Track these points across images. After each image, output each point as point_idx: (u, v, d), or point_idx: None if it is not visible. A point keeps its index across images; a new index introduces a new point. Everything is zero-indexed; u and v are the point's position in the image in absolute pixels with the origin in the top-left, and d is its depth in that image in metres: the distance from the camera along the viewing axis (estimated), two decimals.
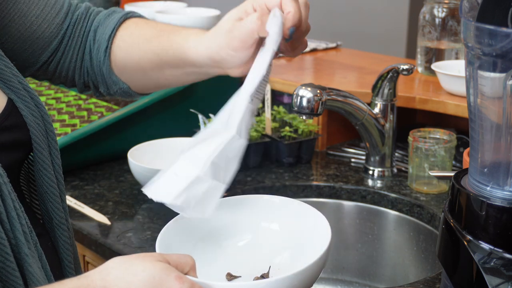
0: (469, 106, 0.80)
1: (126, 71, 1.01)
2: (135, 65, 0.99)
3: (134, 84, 1.02)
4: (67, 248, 0.92)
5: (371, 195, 1.45)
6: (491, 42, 0.73)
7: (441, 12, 1.70)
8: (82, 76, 1.04)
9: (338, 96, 1.38)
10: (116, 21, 1.01)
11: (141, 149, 1.47)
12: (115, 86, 1.02)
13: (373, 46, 2.95)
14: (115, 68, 1.01)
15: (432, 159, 1.40)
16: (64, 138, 1.49)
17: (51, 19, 0.99)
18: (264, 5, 0.85)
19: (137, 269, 0.72)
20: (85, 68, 1.03)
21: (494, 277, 0.75)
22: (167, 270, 0.72)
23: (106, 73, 1.01)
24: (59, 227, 0.91)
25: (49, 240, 0.91)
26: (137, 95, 1.05)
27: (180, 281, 0.72)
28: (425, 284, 1.10)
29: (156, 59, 0.96)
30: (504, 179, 0.78)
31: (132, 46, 0.99)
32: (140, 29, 1.00)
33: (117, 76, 1.01)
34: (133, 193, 1.44)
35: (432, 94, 1.58)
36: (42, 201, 0.90)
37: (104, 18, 1.02)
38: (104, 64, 1.00)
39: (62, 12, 1.01)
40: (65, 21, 1.01)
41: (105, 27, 1.01)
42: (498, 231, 0.77)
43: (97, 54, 1.01)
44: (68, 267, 0.92)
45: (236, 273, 0.90)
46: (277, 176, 1.52)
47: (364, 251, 1.47)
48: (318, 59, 2.01)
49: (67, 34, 1.01)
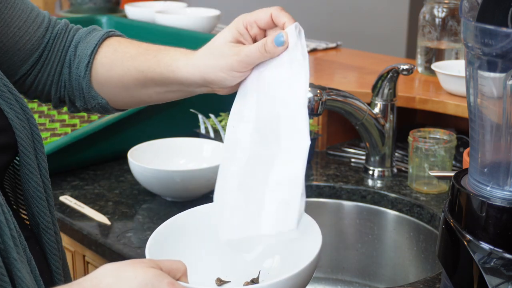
0: (469, 106, 0.80)
1: (107, 86, 1.02)
2: (117, 81, 1.00)
3: (113, 100, 1.03)
4: (54, 254, 0.90)
5: (371, 195, 1.45)
6: (491, 42, 0.73)
7: (441, 12, 1.70)
8: (58, 90, 1.04)
9: (338, 96, 1.38)
10: (99, 37, 1.02)
11: (141, 149, 1.47)
12: (93, 101, 1.02)
13: (373, 46, 2.95)
14: (95, 83, 1.02)
15: (432, 159, 1.40)
16: (64, 138, 1.49)
17: (32, 31, 1.00)
18: (254, 23, 0.88)
19: (129, 276, 0.71)
20: (63, 82, 1.04)
21: (494, 277, 0.75)
22: (159, 276, 0.72)
23: (85, 88, 1.02)
24: (46, 232, 0.89)
25: (37, 244, 0.90)
26: (114, 111, 1.06)
27: (173, 287, 0.71)
28: (425, 284, 1.10)
29: (140, 76, 0.97)
30: (504, 179, 0.78)
31: (115, 63, 1.00)
32: (124, 47, 1.01)
33: (96, 91, 1.02)
34: (133, 193, 1.44)
35: (432, 94, 1.58)
36: (29, 205, 0.89)
37: (85, 34, 1.04)
38: (85, 79, 1.01)
39: (43, 26, 1.02)
40: (45, 35, 1.02)
41: (87, 43, 1.02)
42: (498, 231, 0.77)
43: (77, 69, 1.02)
44: (56, 272, 0.91)
45: (226, 278, 0.90)
46: None
47: (364, 251, 1.47)
48: (318, 59, 2.01)
49: (47, 48, 1.02)
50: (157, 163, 1.43)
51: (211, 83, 0.91)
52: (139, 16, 2.28)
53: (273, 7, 0.88)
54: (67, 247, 1.39)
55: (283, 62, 0.87)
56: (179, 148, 1.50)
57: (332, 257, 1.49)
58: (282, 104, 0.85)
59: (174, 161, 1.47)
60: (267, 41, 0.86)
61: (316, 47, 2.09)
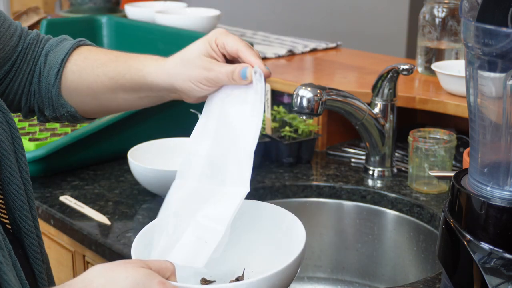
0: (469, 106, 0.80)
1: (77, 94, 1.03)
2: (87, 89, 1.02)
3: (82, 108, 1.04)
4: (37, 258, 0.90)
5: (371, 195, 1.45)
6: (491, 42, 0.73)
7: (441, 12, 1.70)
8: (28, 99, 1.05)
9: (338, 96, 1.38)
10: (70, 46, 1.03)
11: (141, 149, 1.47)
12: (63, 109, 1.03)
13: (373, 46, 2.95)
14: (65, 92, 1.03)
15: (432, 159, 1.40)
16: (64, 138, 1.49)
17: (6, 41, 1.01)
18: (223, 44, 0.91)
19: (120, 276, 0.71)
20: (33, 91, 1.04)
21: (494, 277, 0.75)
22: (150, 276, 0.73)
23: (54, 96, 1.03)
24: (28, 236, 0.89)
25: (19, 247, 0.89)
26: (83, 120, 1.07)
27: (163, 286, 0.72)
28: (425, 284, 1.10)
29: (110, 83, 0.99)
30: (504, 179, 0.78)
31: (86, 70, 1.01)
32: (94, 55, 1.03)
33: (65, 99, 1.03)
34: (133, 193, 1.44)
35: (432, 94, 1.58)
36: (10, 209, 0.88)
37: (56, 43, 1.05)
38: (54, 87, 1.02)
39: (15, 35, 1.02)
40: (18, 44, 1.03)
41: (57, 51, 1.03)
42: (498, 231, 0.77)
43: (47, 77, 1.03)
44: (39, 277, 0.90)
45: (210, 277, 0.91)
46: (277, 176, 1.52)
47: (364, 251, 1.47)
48: (318, 59, 2.01)
49: (19, 58, 1.03)
50: (157, 163, 1.43)
51: (179, 90, 0.94)
52: (139, 16, 2.28)
53: (243, 43, 0.91)
54: (67, 247, 1.39)
55: (247, 102, 0.90)
56: (179, 148, 1.49)
57: (332, 257, 1.49)
58: (235, 142, 0.88)
59: (174, 161, 1.47)
60: (235, 70, 0.89)
61: (316, 47, 2.09)
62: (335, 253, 1.48)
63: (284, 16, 3.74)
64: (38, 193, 1.43)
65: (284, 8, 3.76)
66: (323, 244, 1.49)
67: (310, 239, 1.48)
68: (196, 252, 0.84)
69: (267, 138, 1.57)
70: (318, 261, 1.49)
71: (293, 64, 1.93)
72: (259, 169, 1.55)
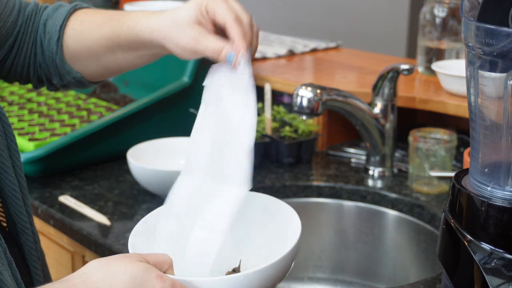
0: (470, 106, 0.80)
1: (79, 59, 1.02)
2: (87, 52, 1.01)
3: (87, 72, 1.04)
4: (32, 254, 0.90)
5: (371, 195, 1.45)
6: (492, 42, 0.73)
7: (441, 12, 1.70)
8: (36, 71, 1.05)
9: (338, 96, 1.37)
10: (66, 12, 1.03)
11: (141, 149, 1.46)
12: (69, 76, 1.03)
13: (373, 46, 2.94)
14: (68, 58, 1.03)
15: (432, 159, 1.40)
16: (63, 138, 1.49)
17: (5, 17, 1.00)
18: (213, 13, 0.88)
19: (119, 270, 0.72)
20: (38, 62, 1.04)
21: (495, 278, 0.75)
22: (148, 269, 0.73)
23: (59, 63, 1.03)
24: (23, 231, 0.89)
25: (15, 246, 0.89)
26: (90, 84, 1.06)
27: (161, 280, 0.73)
28: (425, 284, 1.10)
29: (108, 43, 0.99)
30: (505, 179, 0.78)
31: (83, 34, 1.01)
32: (90, 17, 1.02)
33: (70, 65, 1.03)
34: (133, 193, 1.44)
35: (432, 94, 1.57)
36: (5, 204, 0.88)
37: (52, 11, 1.04)
38: (57, 55, 1.02)
39: (15, 10, 1.02)
40: (18, 19, 1.02)
41: (55, 19, 1.03)
42: (498, 231, 0.77)
43: (49, 46, 1.02)
44: (34, 273, 0.90)
45: None
46: (277, 176, 1.52)
47: (364, 251, 1.47)
48: (318, 59, 2.01)
49: (21, 31, 1.02)
50: (157, 163, 1.42)
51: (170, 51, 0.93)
52: None
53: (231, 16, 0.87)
54: (67, 247, 1.39)
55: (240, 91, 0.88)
56: (179, 148, 1.49)
57: (332, 257, 1.48)
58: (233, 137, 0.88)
59: (174, 161, 1.47)
60: (222, 50, 0.87)
61: (316, 47, 2.09)
62: (335, 253, 1.48)
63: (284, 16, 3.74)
64: (38, 193, 1.43)
65: (284, 7, 3.76)
66: (323, 244, 1.49)
67: (310, 239, 1.48)
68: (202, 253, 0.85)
69: (267, 138, 1.57)
70: (318, 261, 1.49)
71: (293, 64, 1.93)
72: (259, 169, 1.55)
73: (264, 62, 1.91)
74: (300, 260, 1.48)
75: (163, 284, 0.72)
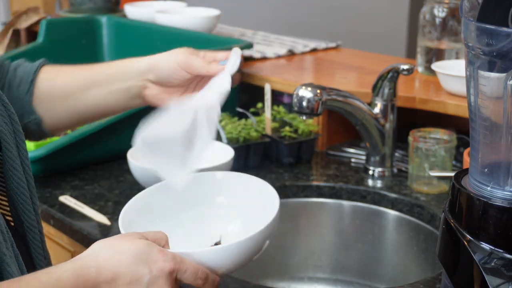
0: (470, 106, 0.80)
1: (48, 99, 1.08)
2: (58, 91, 1.08)
3: (48, 116, 1.08)
4: (39, 253, 0.90)
5: (371, 195, 1.45)
6: (492, 42, 0.73)
7: (441, 12, 1.70)
8: None
9: (338, 96, 1.38)
10: (38, 63, 1.10)
11: None
12: (29, 117, 1.07)
13: (373, 46, 2.95)
14: (36, 98, 1.08)
15: (432, 159, 1.40)
16: (64, 138, 1.49)
17: None
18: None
19: (124, 248, 0.79)
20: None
21: (495, 278, 0.75)
22: (149, 246, 0.80)
23: (26, 103, 1.07)
24: (30, 230, 0.89)
25: (22, 243, 0.89)
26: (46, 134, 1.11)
27: (163, 253, 0.80)
28: (425, 284, 1.10)
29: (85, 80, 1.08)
30: (505, 179, 0.78)
31: (59, 73, 1.10)
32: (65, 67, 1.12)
33: (34, 107, 1.07)
34: (133, 193, 1.43)
35: (432, 94, 1.57)
36: (12, 203, 0.88)
37: (22, 62, 1.10)
38: (28, 94, 1.07)
39: None
40: None
41: (26, 66, 1.10)
42: (498, 231, 0.77)
43: (19, 87, 1.07)
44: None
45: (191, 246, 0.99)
46: (277, 176, 1.52)
47: (364, 251, 1.47)
48: (318, 59, 2.01)
49: None
50: None
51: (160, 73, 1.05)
52: (139, 16, 2.28)
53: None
54: (67, 247, 1.39)
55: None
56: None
57: (332, 257, 1.49)
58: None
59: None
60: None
61: (316, 47, 2.09)
62: (335, 253, 1.48)
63: (284, 16, 3.74)
64: (38, 193, 1.42)
65: (284, 7, 3.76)
66: (323, 244, 1.49)
67: (310, 239, 1.48)
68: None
69: (267, 138, 1.57)
70: (318, 261, 1.49)
71: (293, 64, 1.93)
72: (259, 169, 1.55)
73: (264, 62, 1.91)
74: (300, 260, 1.49)
75: (165, 257, 0.80)
